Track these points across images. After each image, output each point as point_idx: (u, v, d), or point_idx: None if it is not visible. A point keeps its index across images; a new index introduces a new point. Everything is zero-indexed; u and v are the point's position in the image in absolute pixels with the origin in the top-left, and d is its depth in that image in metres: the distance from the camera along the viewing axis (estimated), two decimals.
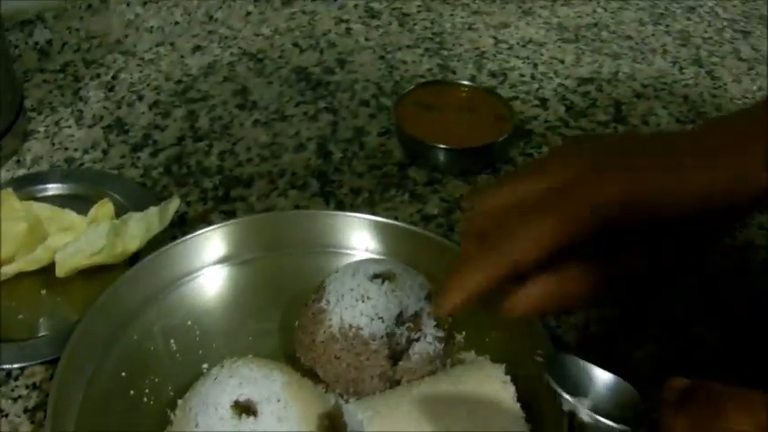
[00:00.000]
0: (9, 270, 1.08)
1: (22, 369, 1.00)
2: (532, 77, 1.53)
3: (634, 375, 0.76)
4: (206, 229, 1.10)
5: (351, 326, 0.90)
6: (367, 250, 1.10)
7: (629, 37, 1.66)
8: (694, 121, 1.42)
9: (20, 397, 0.97)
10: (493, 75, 1.53)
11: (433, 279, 0.99)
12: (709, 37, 1.66)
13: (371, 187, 1.26)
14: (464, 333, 1.00)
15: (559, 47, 1.62)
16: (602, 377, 0.81)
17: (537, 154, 1.33)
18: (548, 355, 0.87)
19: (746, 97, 1.48)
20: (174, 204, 1.12)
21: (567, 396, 0.79)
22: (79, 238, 1.05)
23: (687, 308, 1.03)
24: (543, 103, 1.46)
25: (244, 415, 0.85)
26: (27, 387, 0.98)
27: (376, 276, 0.94)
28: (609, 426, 0.76)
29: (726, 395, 0.60)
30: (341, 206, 1.22)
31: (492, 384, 0.81)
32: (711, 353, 0.98)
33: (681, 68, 1.57)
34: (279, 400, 0.86)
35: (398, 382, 0.92)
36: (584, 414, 0.79)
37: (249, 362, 0.91)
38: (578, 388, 0.79)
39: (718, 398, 0.60)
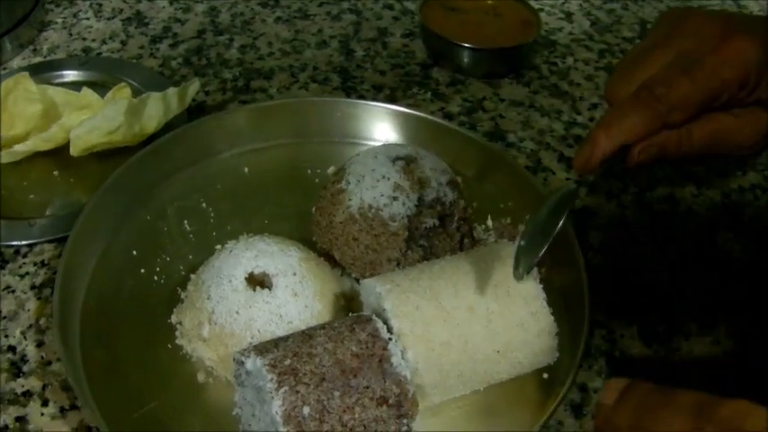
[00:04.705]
0: (22, 148, 1.06)
1: (30, 246, 0.99)
2: None
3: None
4: (224, 112, 1.08)
5: (370, 206, 0.88)
6: (388, 142, 1.08)
7: None
8: None
9: (27, 274, 0.96)
10: None
11: (457, 173, 0.97)
12: None
13: (394, 84, 1.24)
14: (483, 226, 0.99)
15: None
16: None
17: (561, 63, 1.31)
18: None
19: None
20: (194, 86, 1.10)
21: None
22: (96, 116, 1.03)
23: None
24: (568, 16, 1.44)
25: (258, 287, 0.84)
26: (35, 264, 0.97)
27: (398, 159, 0.92)
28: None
29: (657, 396, 0.62)
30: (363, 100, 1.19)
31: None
32: None
33: None
34: (295, 274, 0.85)
35: None
36: None
37: (266, 237, 0.90)
38: None
39: (652, 399, 0.62)
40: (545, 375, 0.84)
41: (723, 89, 0.77)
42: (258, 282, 0.85)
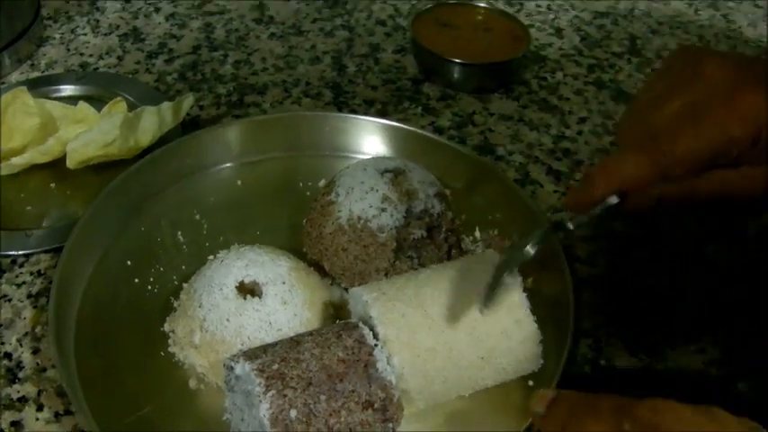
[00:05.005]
0: (20, 161, 1.08)
1: (27, 256, 1.00)
2: (548, 8, 1.53)
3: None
4: (217, 126, 1.11)
5: (359, 218, 0.90)
6: (378, 155, 1.10)
7: None
8: None
9: (24, 283, 0.97)
10: (509, 3, 1.53)
11: (446, 186, 0.99)
12: None
13: (385, 99, 1.26)
14: (471, 237, 1.00)
15: None
16: None
17: (551, 78, 1.33)
18: None
19: (761, 41, 1.48)
20: (188, 101, 1.12)
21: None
22: (92, 129, 1.05)
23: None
24: (558, 32, 1.46)
25: (248, 296, 0.86)
26: (31, 274, 0.98)
27: (387, 171, 0.94)
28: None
29: (582, 403, 0.67)
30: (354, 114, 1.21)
31: None
32: None
33: (696, 10, 1.56)
34: (284, 283, 0.86)
35: None
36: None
37: (257, 247, 0.91)
38: None
39: (577, 406, 0.67)
40: (530, 383, 0.85)
41: (732, 146, 0.74)
42: (248, 290, 0.86)
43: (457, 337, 0.78)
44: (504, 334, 0.80)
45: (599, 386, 0.85)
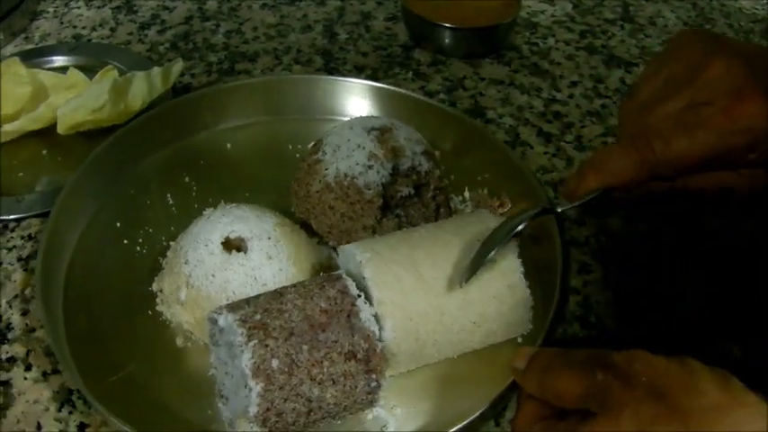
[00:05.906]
0: (12, 127, 1.09)
1: (18, 221, 1.01)
2: None
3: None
4: (207, 89, 1.11)
5: (346, 175, 0.90)
6: None
7: None
8: (702, 26, 1.42)
9: (14, 247, 0.98)
10: None
11: (436, 148, 0.99)
12: None
13: (375, 65, 1.27)
14: (461, 197, 1.00)
15: None
16: None
17: (542, 44, 1.33)
18: None
19: (756, 9, 1.48)
20: (177, 66, 1.12)
21: None
22: (82, 94, 1.05)
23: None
24: None
25: (234, 251, 0.86)
26: (22, 238, 0.99)
27: (373, 129, 0.93)
28: None
29: (559, 357, 0.68)
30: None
31: None
32: None
33: None
34: (269, 238, 0.86)
35: None
36: None
37: (242, 205, 0.91)
38: None
39: (554, 361, 0.68)
40: (519, 340, 0.85)
41: (727, 153, 0.74)
42: (234, 246, 0.86)
43: (449, 300, 0.78)
44: (497, 299, 0.80)
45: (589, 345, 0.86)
